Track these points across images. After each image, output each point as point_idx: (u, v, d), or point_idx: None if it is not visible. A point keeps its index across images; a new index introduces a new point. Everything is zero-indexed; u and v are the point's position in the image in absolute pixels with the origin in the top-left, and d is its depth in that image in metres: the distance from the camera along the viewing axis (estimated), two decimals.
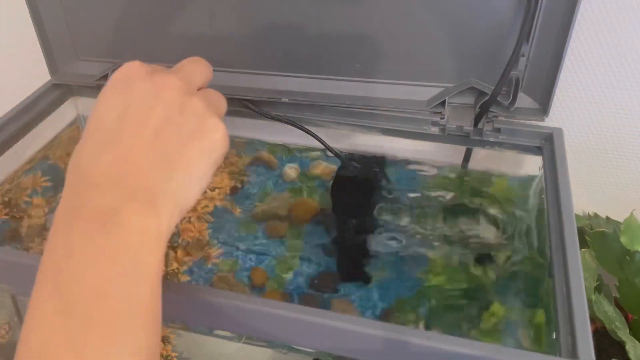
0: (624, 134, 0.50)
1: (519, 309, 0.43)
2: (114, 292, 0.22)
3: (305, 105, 0.48)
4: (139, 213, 0.24)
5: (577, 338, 0.29)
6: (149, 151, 0.26)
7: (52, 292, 0.22)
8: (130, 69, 0.29)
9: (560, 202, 0.38)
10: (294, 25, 0.46)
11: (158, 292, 0.24)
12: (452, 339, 0.28)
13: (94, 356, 0.21)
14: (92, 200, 0.24)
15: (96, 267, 0.22)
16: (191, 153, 0.27)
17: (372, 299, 0.45)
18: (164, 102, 0.28)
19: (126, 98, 0.28)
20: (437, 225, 0.50)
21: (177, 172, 0.26)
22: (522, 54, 0.42)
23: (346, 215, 0.52)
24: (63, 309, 0.22)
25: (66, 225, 0.24)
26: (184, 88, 0.29)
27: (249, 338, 0.39)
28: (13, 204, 0.52)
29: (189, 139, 0.27)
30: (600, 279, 0.48)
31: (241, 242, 0.50)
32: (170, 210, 0.25)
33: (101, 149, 0.26)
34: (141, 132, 0.26)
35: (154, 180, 0.25)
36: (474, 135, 0.47)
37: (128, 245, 0.23)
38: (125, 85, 0.28)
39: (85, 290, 0.22)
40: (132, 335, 0.22)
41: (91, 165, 0.25)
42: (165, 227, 0.25)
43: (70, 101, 0.56)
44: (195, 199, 0.28)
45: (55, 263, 0.23)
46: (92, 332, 0.21)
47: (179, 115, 0.28)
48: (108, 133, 0.27)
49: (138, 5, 0.48)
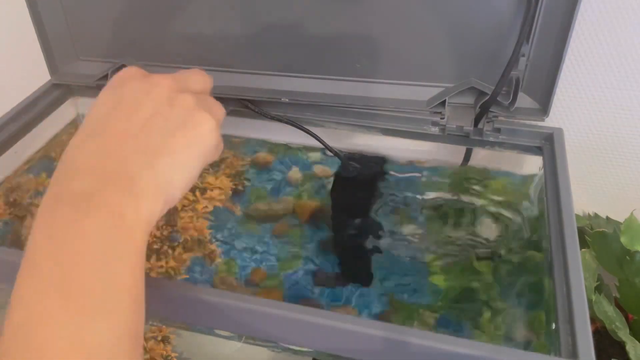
0: (624, 134, 0.50)
1: (519, 309, 0.43)
2: (89, 271, 0.23)
3: (305, 105, 0.48)
4: (115, 196, 0.24)
5: (577, 338, 0.29)
6: (132, 140, 0.27)
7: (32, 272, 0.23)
8: (128, 72, 0.30)
9: (560, 202, 0.38)
10: (294, 25, 0.46)
11: (139, 273, 0.24)
12: (452, 339, 0.28)
13: (71, 331, 0.21)
14: (73, 185, 0.25)
15: (73, 247, 0.23)
16: (176, 142, 0.27)
17: (372, 299, 0.45)
18: (155, 97, 0.28)
19: (119, 95, 0.29)
20: (437, 226, 0.50)
21: (160, 160, 0.27)
22: (522, 54, 0.42)
23: (346, 215, 0.52)
24: (41, 288, 0.22)
25: (49, 210, 0.25)
26: (176, 87, 0.29)
27: (249, 338, 0.39)
28: (13, 204, 0.52)
29: (175, 129, 0.28)
30: (601, 279, 0.48)
31: (241, 242, 0.50)
32: (151, 196, 0.26)
33: (87, 138, 0.27)
34: (128, 123, 0.27)
35: (134, 166, 0.26)
36: (474, 135, 0.47)
37: (104, 227, 0.24)
38: (120, 85, 0.29)
39: (61, 269, 0.23)
40: (108, 313, 0.23)
41: (76, 154, 0.26)
42: (145, 212, 0.25)
43: (70, 101, 0.56)
44: (181, 189, 0.28)
45: (37, 246, 0.24)
46: (68, 308, 0.22)
47: (168, 108, 0.28)
48: (96, 124, 0.28)
49: (138, 5, 0.48)
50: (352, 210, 0.53)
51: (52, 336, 0.21)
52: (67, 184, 0.25)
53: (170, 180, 0.27)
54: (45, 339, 0.21)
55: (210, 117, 0.29)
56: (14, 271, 0.24)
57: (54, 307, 0.22)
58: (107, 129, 0.27)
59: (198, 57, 0.50)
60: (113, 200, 0.24)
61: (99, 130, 0.27)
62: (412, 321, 0.44)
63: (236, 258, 0.49)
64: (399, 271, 0.47)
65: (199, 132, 0.28)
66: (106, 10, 0.49)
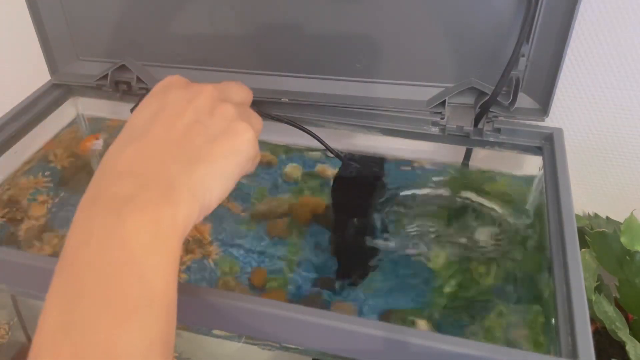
0: (624, 134, 0.50)
1: (518, 309, 0.43)
2: (124, 277, 0.23)
3: (305, 105, 0.48)
4: (153, 202, 0.24)
5: (577, 338, 0.29)
6: (172, 146, 0.27)
7: (68, 277, 0.23)
8: (171, 80, 0.31)
9: (560, 202, 0.38)
10: (294, 25, 0.46)
11: (172, 281, 0.24)
12: (452, 339, 0.28)
13: (104, 338, 0.21)
14: (110, 189, 0.25)
15: (109, 252, 0.23)
16: (215, 151, 0.28)
17: (372, 299, 0.45)
18: (196, 106, 0.29)
19: (161, 102, 0.29)
20: (437, 226, 0.50)
21: (198, 168, 0.27)
22: (522, 54, 0.42)
23: (346, 215, 0.52)
24: (76, 293, 0.22)
25: (86, 214, 0.25)
26: (217, 95, 0.30)
27: (249, 338, 0.39)
28: (13, 204, 0.52)
29: (214, 138, 0.28)
30: (600, 279, 0.48)
31: (241, 242, 0.50)
32: (188, 203, 0.26)
33: (127, 143, 0.27)
34: (169, 130, 0.27)
35: (173, 173, 0.26)
36: (474, 136, 0.47)
37: (140, 232, 0.23)
38: (163, 93, 0.30)
39: (97, 274, 0.23)
40: (140, 320, 0.22)
41: (115, 158, 0.27)
42: (181, 219, 0.25)
43: (70, 101, 0.56)
44: (218, 198, 0.28)
45: (74, 250, 0.24)
46: (102, 315, 0.22)
47: (209, 117, 0.29)
48: (137, 130, 0.28)
49: (138, 5, 0.48)
50: (353, 210, 0.53)
51: (84, 341, 0.21)
52: (105, 187, 0.25)
53: (207, 189, 0.27)
54: (77, 344, 0.21)
55: (250, 128, 0.29)
56: (14, 271, 0.24)
57: (87, 313, 0.22)
58: (147, 134, 0.27)
59: (198, 57, 0.50)
60: (150, 205, 0.24)
61: (139, 135, 0.27)
62: (412, 322, 0.44)
63: (236, 258, 0.49)
64: (399, 271, 0.47)
65: (238, 141, 0.29)
66: (106, 10, 0.49)
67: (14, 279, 0.36)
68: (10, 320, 0.57)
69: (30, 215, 0.51)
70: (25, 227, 0.50)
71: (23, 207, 0.52)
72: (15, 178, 0.53)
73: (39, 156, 0.55)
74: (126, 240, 0.23)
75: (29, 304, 0.57)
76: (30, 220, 0.51)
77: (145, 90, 0.51)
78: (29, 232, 0.50)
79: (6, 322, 0.57)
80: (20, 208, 0.52)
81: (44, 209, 0.52)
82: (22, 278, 0.35)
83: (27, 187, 0.53)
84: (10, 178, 0.53)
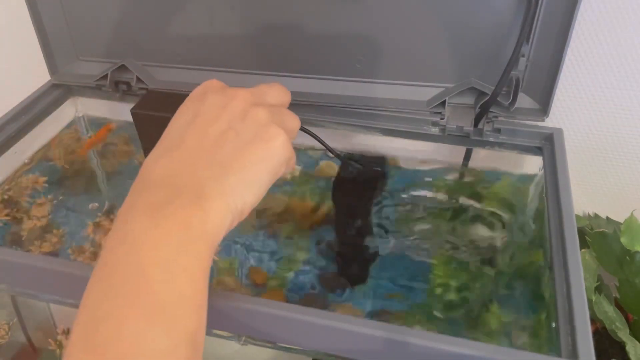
0: (624, 134, 0.50)
1: (519, 309, 0.43)
2: (153, 277, 0.24)
3: (305, 105, 0.48)
4: (184, 208, 0.25)
5: (577, 338, 0.29)
6: (204, 154, 0.28)
7: (102, 274, 0.25)
8: (207, 85, 0.32)
9: (560, 202, 0.38)
10: (294, 25, 0.46)
11: (202, 284, 0.25)
12: (452, 339, 0.28)
13: (131, 333, 0.22)
14: (146, 197, 0.26)
15: (140, 253, 0.24)
16: (246, 157, 0.28)
17: (371, 299, 0.45)
18: (230, 111, 0.29)
19: (197, 108, 0.30)
20: (438, 226, 0.50)
21: (230, 175, 0.27)
22: (522, 54, 0.42)
23: (346, 216, 0.52)
24: (108, 289, 0.24)
25: (124, 219, 0.26)
26: (252, 100, 0.30)
27: (249, 338, 0.39)
28: (13, 204, 0.52)
29: (246, 145, 0.28)
30: (601, 279, 0.48)
31: (241, 242, 0.50)
32: (219, 210, 0.26)
33: (163, 153, 0.28)
34: (202, 138, 0.28)
35: (204, 180, 0.27)
36: (474, 136, 0.47)
37: (171, 236, 0.25)
38: (200, 98, 0.30)
39: (127, 272, 0.24)
40: (167, 320, 0.23)
41: (151, 167, 0.28)
42: (212, 225, 0.26)
43: (70, 101, 0.56)
44: (250, 204, 0.28)
45: (109, 250, 0.25)
46: (130, 311, 0.23)
47: (241, 122, 0.29)
48: (173, 139, 0.29)
49: (138, 5, 0.48)
50: (353, 210, 0.53)
51: (114, 335, 0.22)
52: (141, 195, 0.27)
53: (239, 195, 0.27)
54: (107, 338, 0.22)
55: (282, 132, 0.29)
56: (14, 271, 0.24)
57: (117, 309, 0.23)
58: (182, 143, 0.28)
59: (198, 57, 0.50)
60: (181, 212, 0.25)
61: (174, 144, 0.29)
62: (413, 322, 0.44)
63: (236, 257, 0.49)
64: (399, 271, 0.47)
65: (269, 147, 0.29)
66: (106, 11, 0.49)
67: (14, 279, 0.36)
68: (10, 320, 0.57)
69: (30, 215, 0.51)
70: (25, 227, 0.50)
71: (23, 207, 0.52)
72: (15, 178, 0.53)
73: (38, 156, 0.55)
74: (157, 242, 0.24)
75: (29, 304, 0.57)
76: (30, 220, 0.51)
77: (145, 90, 0.51)
78: (28, 232, 0.50)
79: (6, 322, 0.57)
80: (20, 208, 0.52)
81: (44, 209, 0.52)
82: (22, 278, 0.35)
83: (27, 187, 0.53)
84: (10, 178, 0.53)
